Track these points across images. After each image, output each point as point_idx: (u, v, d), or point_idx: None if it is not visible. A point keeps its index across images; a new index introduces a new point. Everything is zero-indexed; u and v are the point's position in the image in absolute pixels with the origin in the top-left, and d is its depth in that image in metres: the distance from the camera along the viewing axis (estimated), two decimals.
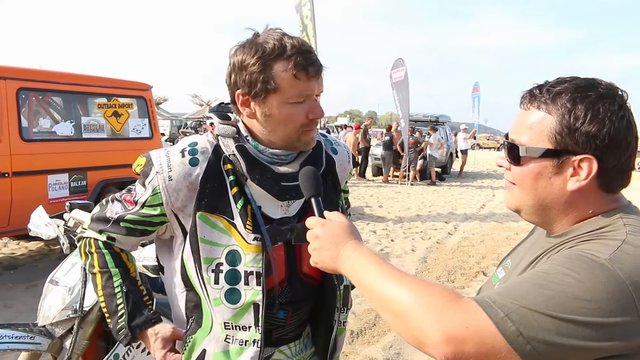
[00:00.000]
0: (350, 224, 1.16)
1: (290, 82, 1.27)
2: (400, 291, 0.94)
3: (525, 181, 1.06)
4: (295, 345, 1.51)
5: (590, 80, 1.02)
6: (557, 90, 1.01)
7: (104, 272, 1.45)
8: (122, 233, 1.44)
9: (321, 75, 1.33)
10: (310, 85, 1.29)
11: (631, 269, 0.88)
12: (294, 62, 1.25)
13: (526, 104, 1.07)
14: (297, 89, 1.28)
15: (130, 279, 1.47)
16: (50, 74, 6.21)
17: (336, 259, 1.09)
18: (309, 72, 1.27)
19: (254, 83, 1.28)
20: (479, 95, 24.26)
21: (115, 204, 1.45)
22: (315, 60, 1.30)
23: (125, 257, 1.49)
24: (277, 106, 1.30)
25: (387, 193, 13.64)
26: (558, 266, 0.92)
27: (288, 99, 1.29)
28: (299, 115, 1.31)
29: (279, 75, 1.26)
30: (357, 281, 1.04)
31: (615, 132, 0.97)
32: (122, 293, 1.44)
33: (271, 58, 1.26)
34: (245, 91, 1.31)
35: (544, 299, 0.86)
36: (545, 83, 1.05)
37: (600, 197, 1.03)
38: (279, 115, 1.31)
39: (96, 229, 1.47)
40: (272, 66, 1.26)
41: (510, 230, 8.85)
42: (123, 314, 1.42)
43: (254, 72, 1.27)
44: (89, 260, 1.47)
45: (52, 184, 5.72)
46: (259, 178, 1.34)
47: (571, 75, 1.05)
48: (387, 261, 1.04)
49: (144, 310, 1.45)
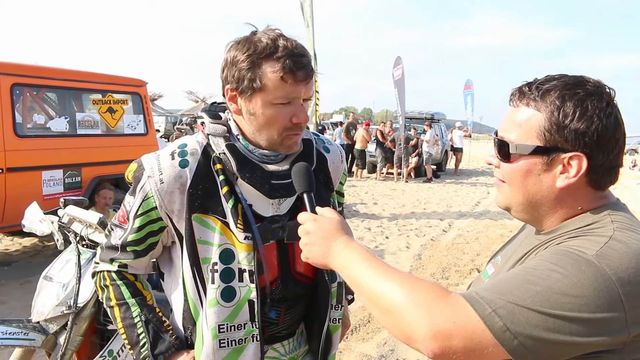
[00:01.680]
0: (341, 219, 1.16)
1: (276, 83, 1.26)
2: (389, 287, 0.94)
3: (515, 178, 1.06)
4: (289, 343, 1.52)
5: (578, 78, 1.03)
6: (546, 88, 1.02)
7: (121, 304, 1.45)
8: (131, 257, 1.44)
9: (311, 80, 1.31)
10: (297, 88, 1.28)
11: (617, 265, 0.89)
12: (282, 64, 1.25)
13: (515, 102, 1.07)
14: (283, 91, 1.27)
15: (149, 307, 1.47)
16: (45, 70, 6.17)
17: (327, 254, 1.10)
18: (296, 76, 1.26)
19: (241, 80, 1.28)
20: (472, 93, 24.22)
21: (116, 230, 1.46)
22: (305, 65, 1.28)
23: (141, 286, 1.49)
24: (261, 106, 1.29)
25: (382, 190, 13.66)
26: (545, 262, 0.93)
27: (272, 100, 1.28)
28: (282, 118, 1.30)
29: (266, 75, 1.26)
30: (347, 277, 1.05)
31: (603, 129, 0.97)
32: (142, 322, 1.43)
33: (261, 57, 1.26)
34: (233, 87, 1.31)
35: (531, 295, 0.87)
36: (534, 81, 1.06)
37: (588, 194, 1.04)
38: (263, 115, 1.30)
39: (107, 258, 1.47)
40: (260, 65, 1.26)
41: (504, 228, 8.88)
42: (145, 342, 1.42)
43: (243, 69, 1.27)
44: (105, 293, 1.48)
45: (47, 180, 5.69)
46: (249, 176, 1.34)
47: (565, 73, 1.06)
48: (378, 257, 1.04)
49: (166, 335, 1.44)
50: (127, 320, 1.44)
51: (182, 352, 1.43)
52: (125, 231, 1.42)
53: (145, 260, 1.47)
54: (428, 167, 16.23)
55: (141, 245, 1.42)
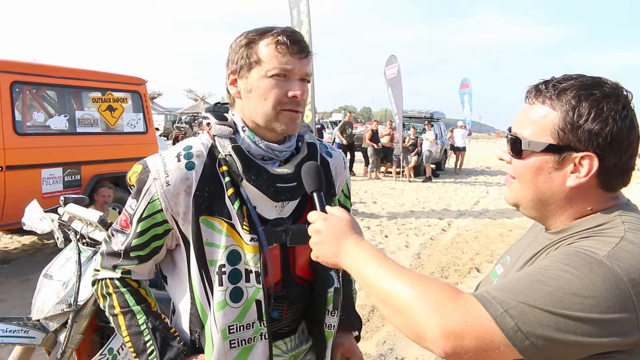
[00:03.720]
0: (352, 219, 1.16)
1: (270, 54, 1.30)
2: (401, 286, 0.94)
3: (526, 175, 1.06)
4: (291, 340, 1.52)
5: (596, 79, 1.03)
6: (562, 87, 1.02)
7: (126, 311, 1.42)
8: (135, 263, 1.42)
9: (306, 57, 1.34)
10: (291, 60, 1.31)
11: (629, 266, 0.89)
12: (276, 37, 1.30)
13: (531, 99, 1.07)
14: (277, 61, 1.30)
15: (154, 314, 1.44)
16: (45, 68, 6.15)
17: (337, 253, 1.10)
18: (290, 48, 1.30)
19: (239, 59, 1.34)
20: (470, 92, 24.20)
21: (117, 235, 1.43)
22: (299, 41, 1.32)
23: (145, 293, 1.46)
24: (257, 79, 1.32)
25: (381, 189, 13.66)
26: (557, 262, 0.92)
27: (267, 72, 1.30)
28: (277, 90, 1.31)
29: (261, 49, 1.31)
30: (357, 275, 1.05)
31: (617, 132, 0.97)
32: (149, 330, 1.40)
33: (257, 34, 1.33)
34: (233, 69, 1.36)
35: (542, 295, 0.87)
36: (551, 79, 1.06)
37: (599, 195, 1.04)
38: (258, 88, 1.32)
39: (109, 265, 1.44)
40: (257, 42, 1.32)
41: (503, 227, 8.88)
42: (153, 350, 1.39)
43: (241, 47, 1.34)
44: (108, 301, 1.44)
45: (46, 178, 5.68)
46: (255, 179, 1.34)
47: (570, 72, 1.06)
48: (388, 257, 1.04)
49: (174, 342, 1.41)
50: (133, 328, 1.41)
51: (191, 358, 1.42)
52: (128, 236, 1.40)
53: (149, 266, 1.45)
54: (428, 166, 16.22)
55: (145, 249, 1.40)
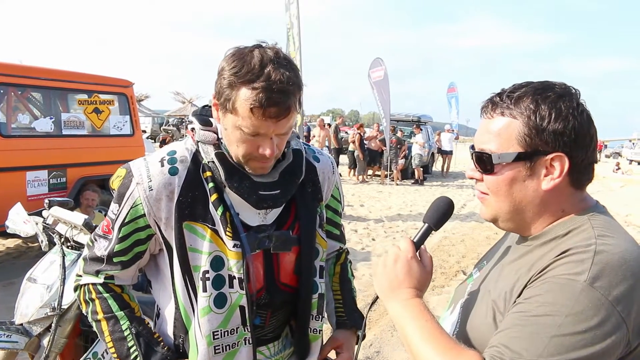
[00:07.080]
0: (425, 273, 1.15)
1: (245, 113, 1.23)
2: (432, 354, 0.97)
3: (501, 188, 1.07)
4: (274, 345, 1.52)
5: (544, 83, 1.06)
6: (517, 95, 1.04)
7: (109, 317, 1.41)
8: (118, 269, 1.41)
9: (284, 117, 1.25)
10: (265, 124, 1.24)
11: (608, 285, 0.91)
12: (255, 96, 1.20)
13: (489, 113, 1.09)
14: (250, 123, 1.24)
15: (138, 319, 1.43)
16: (30, 69, 6.10)
17: (389, 296, 1.12)
18: (265, 112, 1.22)
19: (220, 94, 1.27)
20: (457, 96, 24.33)
21: (99, 241, 1.42)
22: (280, 102, 1.22)
23: (128, 298, 1.46)
24: (231, 125, 1.27)
25: (369, 192, 13.70)
26: (544, 305, 0.93)
27: (241, 126, 1.25)
28: (248, 145, 1.29)
29: (239, 101, 1.23)
30: (398, 327, 1.08)
31: (579, 127, 1.01)
32: (133, 335, 1.39)
33: (240, 81, 1.22)
34: (215, 96, 1.30)
35: (544, 345, 0.89)
36: (502, 91, 1.08)
37: (571, 195, 1.06)
38: (232, 135, 1.29)
39: (92, 270, 1.44)
40: (238, 89, 1.23)
41: (490, 230, 8.93)
42: (137, 356, 1.38)
43: (223, 85, 1.25)
44: (91, 307, 1.42)
45: (31, 180, 5.63)
46: (237, 186, 1.34)
47: (553, 79, 1.08)
48: (434, 319, 1.05)
49: (158, 347, 1.40)
50: (116, 333, 1.40)
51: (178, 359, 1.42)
52: (110, 241, 1.39)
53: (132, 271, 1.45)
54: (418, 169, 16.24)
55: (128, 255, 1.39)
